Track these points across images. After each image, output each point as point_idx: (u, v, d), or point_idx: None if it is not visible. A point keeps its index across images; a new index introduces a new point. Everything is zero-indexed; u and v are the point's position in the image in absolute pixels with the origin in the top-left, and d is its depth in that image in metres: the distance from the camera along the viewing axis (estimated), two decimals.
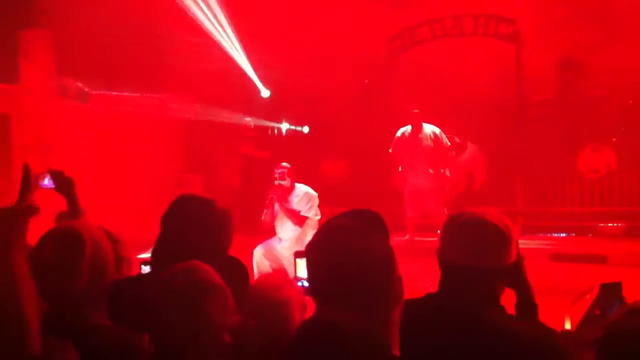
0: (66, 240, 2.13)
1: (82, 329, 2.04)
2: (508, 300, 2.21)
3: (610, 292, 2.28)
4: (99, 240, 2.19)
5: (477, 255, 2.06)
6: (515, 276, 2.17)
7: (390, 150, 9.72)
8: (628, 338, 1.50)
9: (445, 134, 9.60)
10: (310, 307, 2.10)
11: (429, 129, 9.58)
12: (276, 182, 6.98)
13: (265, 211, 7.08)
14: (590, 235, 10.08)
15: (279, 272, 2.66)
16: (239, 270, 2.63)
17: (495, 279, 2.09)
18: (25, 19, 9.40)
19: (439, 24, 11.38)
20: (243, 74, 11.77)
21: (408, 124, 9.63)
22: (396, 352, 1.60)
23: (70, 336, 1.93)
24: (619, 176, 10.39)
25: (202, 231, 2.51)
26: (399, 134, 9.69)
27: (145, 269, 2.93)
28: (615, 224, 10.07)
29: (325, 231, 1.69)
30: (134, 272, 2.91)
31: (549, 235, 10.21)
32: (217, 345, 1.96)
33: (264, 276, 2.45)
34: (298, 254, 2.78)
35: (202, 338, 1.93)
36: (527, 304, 2.23)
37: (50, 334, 1.85)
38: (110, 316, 2.17)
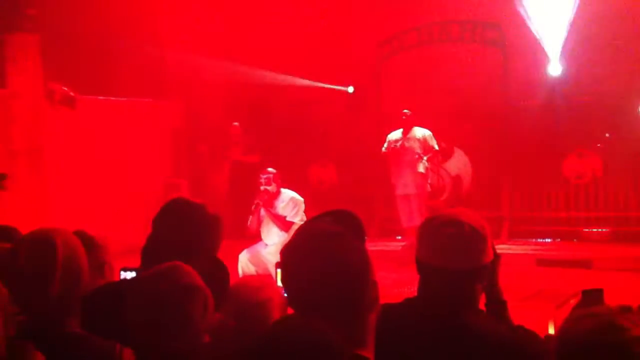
0: (39, 247, 2.11)
1: (54, 336, 2.02)
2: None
3: (592, 298, 2.30)
4: (72, 246, 2.16)
5: (455, 256, 2.05)
6: (489, 275, 2.17)
7: (383, 149, 9.73)
8: (579, 341, 1.52)
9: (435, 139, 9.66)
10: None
11: (419, 132, 9.63)
12: (262, 188, 6.99)
13: (250, 217, 7.09)
14: (575, 240, 10.15)
15: (261, 275, 2.67)
16: (220, 271, 2.65)
17: (474, 279, 2.09)
18: (11, 23, 9.36)
19: (426, 29, 11.45)
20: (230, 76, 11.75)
21: (400, 127, 9.69)
22: (370, 355, 1.61)
23: (43, 343, 1.92)
24: (605, 182, 10.47)
25: (190, 233, 2.54)
26: (389, 135, 9.73)
27: (125, 275, 2.94)
28: (600, 229, 10.15)
29: (299, 235, 1.70)
30: (114, 278, 2.92)
31: (534, 240, 10.26)
32: (196, 346, 1.96)
33: (245, 278, 2.47)
34: (279, 265, 2.80)
35: (182, 339, 1.93)
36: (496, 302, 2.25)
37: (20, 338, 1.84)
38: (85, 324, 2.16)
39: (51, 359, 1.89)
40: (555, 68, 10.58)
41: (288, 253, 1.65)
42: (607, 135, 10.79)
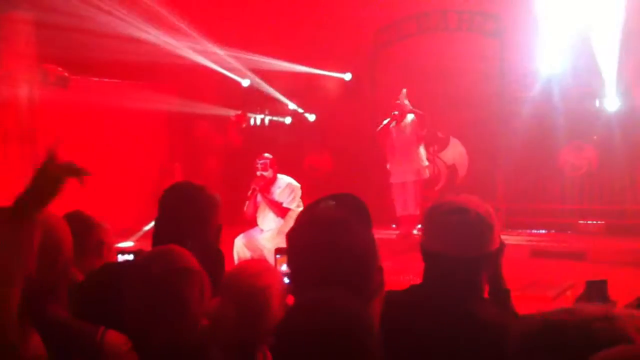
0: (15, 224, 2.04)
1: (37, 319, 1.98)
2: None
3: (595, 289, 2.28)
4: (51, 227, 2.09)
5: (462, 243, 2.03)
6: (494, 263, 2.15)
7: (378, 129, 9.62)
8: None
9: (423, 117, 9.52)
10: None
11: (410, 118, 9.55)
12: (258, 173, 6.95)
13: (247, 202, 7.05)
14: (570, 232, 10.15)
15: (260, 260, 2.66)
16: (215, 254, 2.66)
17: (480, 267, 2.07)
18: (5, 2, 9.25)
19: (424, 18, 11.39)
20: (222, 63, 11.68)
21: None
22: None
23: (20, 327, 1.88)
24: (600, 174, 10.47)
25: (194, 214, 2.59)
26: (386, 121, 9.60)
27: (122, 258, 2.92)
28: (595, 222, 10.15)
29: (307, 218, 1.67)
30: (113, 259, 2.89)
31: (529, 231, 10.26)
32: (194, 329, 1.93)
33: (244, 262, 2.45)
34: (279, 251, 2.79)
35: (178, 323, 1.90)
36: (500, 291, 2.23)
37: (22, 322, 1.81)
38: (79, 308, 2.12)
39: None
40: (553, 60, 10.52)
41: (295, 237, 1.62)
42: (603, 127, 10.76)
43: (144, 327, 1.91)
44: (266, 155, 7.05)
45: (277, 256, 2.77)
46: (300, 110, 12.63)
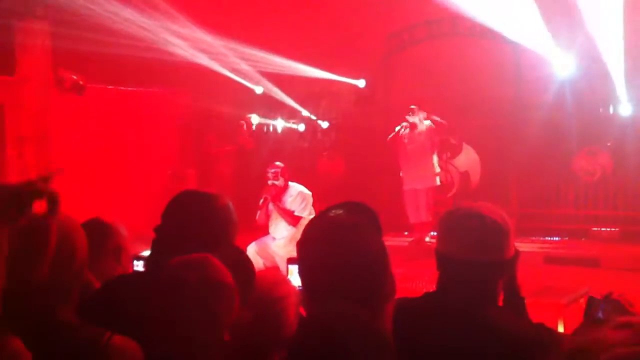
0: (32, 230, 2.06)
1: (46, 323, 1.99)
2: None
3: (612, 306, 2.23)
4: (68, 232, 2.08)
5: (477, 248, 2.02)
6: (510, 270, 2.14)
7: (389, 138, 9.60)
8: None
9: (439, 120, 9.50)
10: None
11: (426, 124, 9.53)
12: (269, 182, 6.96)
13: (259, 211, 7.05)
14: (584, 238, 10.08)
15: (275, 270, 2.66)
16: (247, 266, 2.61)
17: (495, 273, 2.07)
18: (22, 10, 9.34)
19: (437, 23, 11.37)
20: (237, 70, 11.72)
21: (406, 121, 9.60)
22: None
23: (29, 330, 1.88)
24: (614, 180, 10.40)
25: (205, 225, 2.48)
26: (397, 128, 9.59)
27: (138, 264, 2.92)
28: (609, 229, 10.08)
29: (318, 226, 1.67)
30: (130, 265, 2.89)
31: (542, 238, 10.20)
32: (218, 345, 1.90)
33: (261, 272, 2.43)
34: (291, 261, 2.78)
35: (205, 337, 1.87)
36: (515, 298, 2.22)
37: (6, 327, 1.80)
38: (88, 315, 2.12)
39: (35, 347, 1.85)
40: (567, 65, 10.47)
41: (307, 243, 1.62)
42: (617, 133, 10.69)
43: (165, 335, 1.88)
44: (277, 163, 7.06)
45: (289, 266, 2.76)
46: (314, 117, 12.64)
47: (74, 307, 2.06)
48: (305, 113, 12.69)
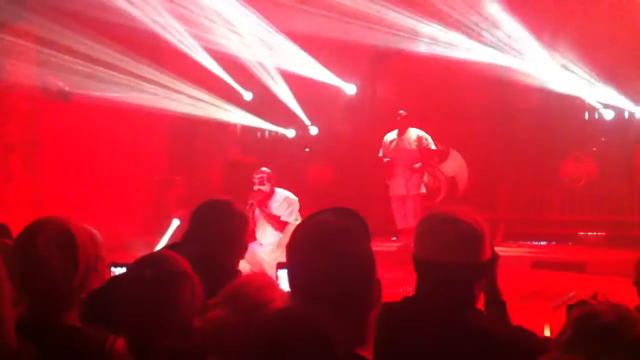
0: (62, 237, 2.09)
1: (51, 328, 2.00)
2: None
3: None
4: (87, 238, 2.18)
5: (451, 250, 2.06)
6: (488, 274, 2.17)
7: (380, 154, 9.68)
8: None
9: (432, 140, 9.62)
10: None
11: (414, 132, 9.59)
12: (255, 188, 6.96)
13: None
14: (570, 243, 10.14)
15: (262, 274, 2.67)
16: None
17: (471, 276, 2.09)
18: (8, 15, 9.30)
19: (424, 29, 11.39)
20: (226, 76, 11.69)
21: (395, 129, 9.66)
22: (369, 354, 1.59)
23: (39, 334, 1.90)
24: (600, 185, 10.48)
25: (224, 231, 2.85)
26: (385, 138, 9.69)
27: (115, 271, 2.96)
28: (595, 233, 10.15)
29: (306, 229, 1.68)
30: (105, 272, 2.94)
31: (529, 242, 10.25)
32: (185, 330, 1.98)
33: (249, 275, 2.46)
34: (280, 265, 2.80)
35: (171, 324, 1.96)
36: (496, 302, 2.25)
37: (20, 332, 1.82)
38: (86, 318, 2.14)
39: (44, 351, 1.87)
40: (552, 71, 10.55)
41: (296, 245, 1.64)
42: (602, 139, 10.80)
43: (138, 330, 1.96)
44: (263, 169, 7.06)
45: (279, 270, 2.77)
46: (307, 123, 12.61)
47: (76, 311, 2.10)
48: (294, 119, 12.67)
